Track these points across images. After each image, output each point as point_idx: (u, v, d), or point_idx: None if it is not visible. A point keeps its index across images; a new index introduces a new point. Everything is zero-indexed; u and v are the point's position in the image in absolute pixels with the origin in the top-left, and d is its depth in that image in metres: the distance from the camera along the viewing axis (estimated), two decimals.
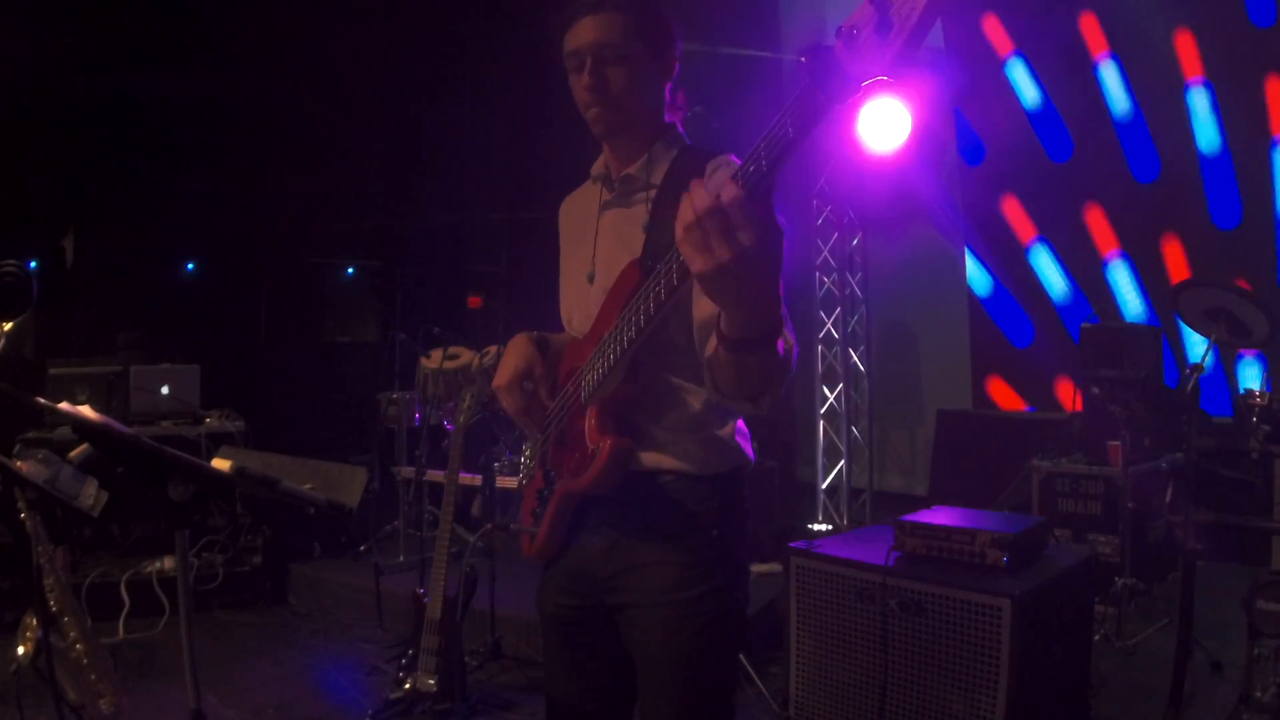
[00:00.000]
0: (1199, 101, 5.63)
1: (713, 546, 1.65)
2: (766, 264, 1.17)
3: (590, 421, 1.61)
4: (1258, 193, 5.44)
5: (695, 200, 1.15)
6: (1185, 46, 5.67)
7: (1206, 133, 5.63)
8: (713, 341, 1.37)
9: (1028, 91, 6.30)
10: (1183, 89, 5.68)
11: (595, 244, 1.76)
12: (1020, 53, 6.34)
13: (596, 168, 1.82)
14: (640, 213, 1.68)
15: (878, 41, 1.06)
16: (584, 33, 1.64)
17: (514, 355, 1.76)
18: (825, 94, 1.10)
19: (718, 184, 1.16)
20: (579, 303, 1.78)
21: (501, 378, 1.75)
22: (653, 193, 1.68)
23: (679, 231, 1.17)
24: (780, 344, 1.34)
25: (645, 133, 1.72)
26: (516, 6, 6.46)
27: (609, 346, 1.55)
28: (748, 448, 1.74)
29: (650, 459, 1.65)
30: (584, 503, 1.70)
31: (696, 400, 1.66)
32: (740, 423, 1.74)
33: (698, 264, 1.15)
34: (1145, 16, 5.75)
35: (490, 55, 6.89)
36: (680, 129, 1.77)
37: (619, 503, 1.66)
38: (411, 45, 6.81)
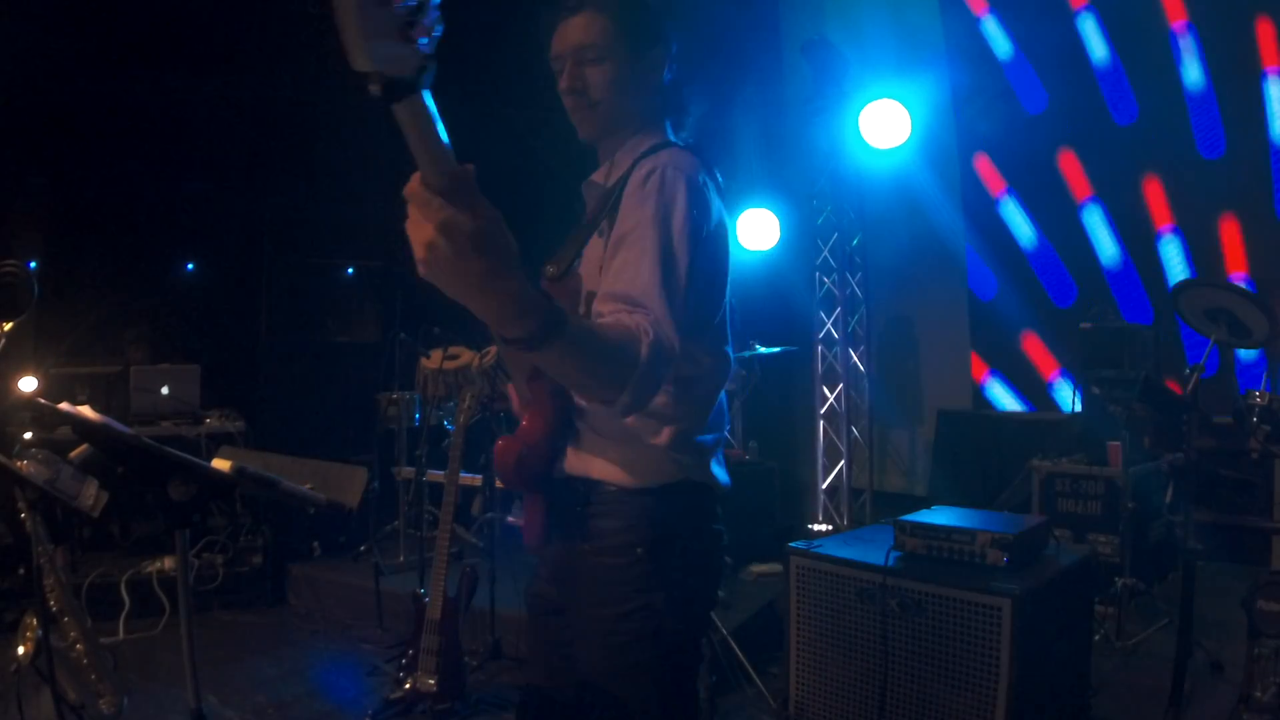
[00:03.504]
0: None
1: (639, 564, 1.58)
2: (457, 261, 1.03)
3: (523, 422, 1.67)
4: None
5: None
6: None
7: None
8: None
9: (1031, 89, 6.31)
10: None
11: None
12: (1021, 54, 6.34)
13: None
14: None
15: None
16: (566, 35, 1.63)
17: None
18: None
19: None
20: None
21: (518, 378, 1.77)
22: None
23: None
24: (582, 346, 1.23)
25: (632, 136, 1.69)
26: (514, 6, 6.46)
27: None
28: (699, 461, 1.64)
29: (585, 465, 1.64)
30: (546, 503, 1.70)
31: None
32: (700, 436, 1.63)
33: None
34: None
35: (489, 55, 6.88)
36: (668, 128, 1.72)
37: (569, 509, 1.66)
38: None
